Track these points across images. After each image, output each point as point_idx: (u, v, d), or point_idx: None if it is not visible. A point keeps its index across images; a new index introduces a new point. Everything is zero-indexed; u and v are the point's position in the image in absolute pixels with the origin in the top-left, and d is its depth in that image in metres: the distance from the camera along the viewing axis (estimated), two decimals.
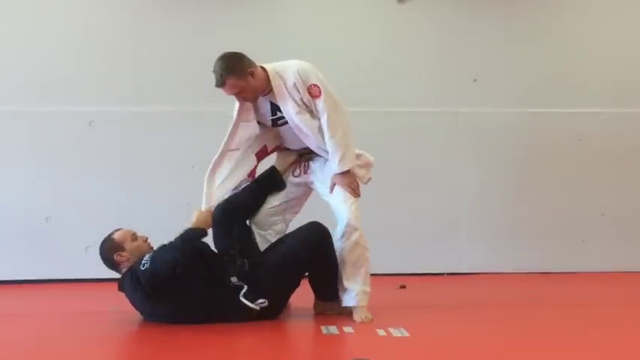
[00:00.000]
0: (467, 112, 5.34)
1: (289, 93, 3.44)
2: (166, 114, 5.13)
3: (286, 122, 3.53)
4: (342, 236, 3.50)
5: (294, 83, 3.43)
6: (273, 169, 3.71)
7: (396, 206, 5.14)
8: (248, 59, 3.43)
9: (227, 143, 3.58)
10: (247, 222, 3.71)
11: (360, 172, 3.58)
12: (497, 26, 5.44)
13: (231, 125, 3.58)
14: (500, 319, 3.62)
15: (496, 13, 5.43)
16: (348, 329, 3.28)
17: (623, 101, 5.44)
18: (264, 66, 3.48)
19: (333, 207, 3.55)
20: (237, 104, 3.58)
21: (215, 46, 3.51)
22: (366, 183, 3.61)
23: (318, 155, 3.60)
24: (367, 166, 3.63)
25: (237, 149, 3.61)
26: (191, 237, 3.40)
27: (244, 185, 3.66)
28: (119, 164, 5.11)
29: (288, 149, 3.73)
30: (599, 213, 5.39)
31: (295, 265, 3.48)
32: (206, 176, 3.58)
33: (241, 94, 3.45)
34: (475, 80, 5.38)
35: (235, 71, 3.37)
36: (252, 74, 3.40)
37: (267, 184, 3.70)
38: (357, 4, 5.39)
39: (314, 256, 3.47)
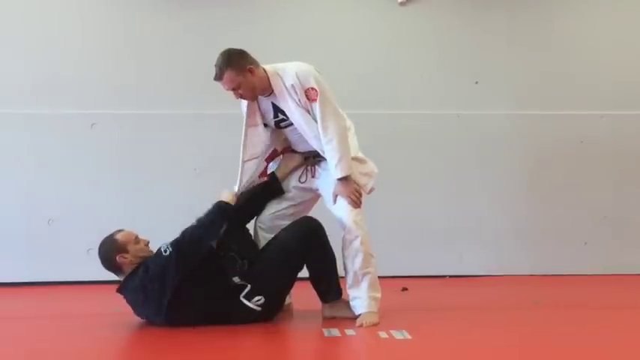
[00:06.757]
0: (468, 115, 5.33)
1: (289, 94, 3.44)
2: (168, 116, 5.12)
3: (290, 124, 3.54)
4: (343, 245, 3.51)
5: (292, 85, 3.43)
6: (272, 175, 3.72)
7: (397, 208, 5.13)
8: (250, 57, 3.45)
9: (243, 153, 3.56)
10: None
11: (362, 181, 3.55)
12: (499, 28, 5.43)
13: (242, 135, 3.56)
14: (501, 321, 3.61)
15: (497, 16, 5.42)
16: (349, 332, 3.28)
17: (625, 103, 5.43)
18: (265, 67, 3.49)
19: (335, 215, 3.55)
20: (244, 108, 3.58)
21: (217, 49, 3.51)
22: (368, 193, 3.59)
23: (324, 160, 3.58)
24: (370, 174, 3.61)
25: (253, 159, 3.58)
26: (219, 215, 3.43)
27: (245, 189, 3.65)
28: (121, 167, 5.10)
29: (294, 152, 3.71)
30: (601, 216, 5.37)
31: (286, 258, 3.48)
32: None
33: (238, 91, 3.44)
34: (477, 83, 5.38)
35: (234, 66, 3.38)
36: (251, 71, 3.41)
37: (266, 190, 3.71)
38: (358, 6, 5.38)
39: (305, 249, 3.48)
